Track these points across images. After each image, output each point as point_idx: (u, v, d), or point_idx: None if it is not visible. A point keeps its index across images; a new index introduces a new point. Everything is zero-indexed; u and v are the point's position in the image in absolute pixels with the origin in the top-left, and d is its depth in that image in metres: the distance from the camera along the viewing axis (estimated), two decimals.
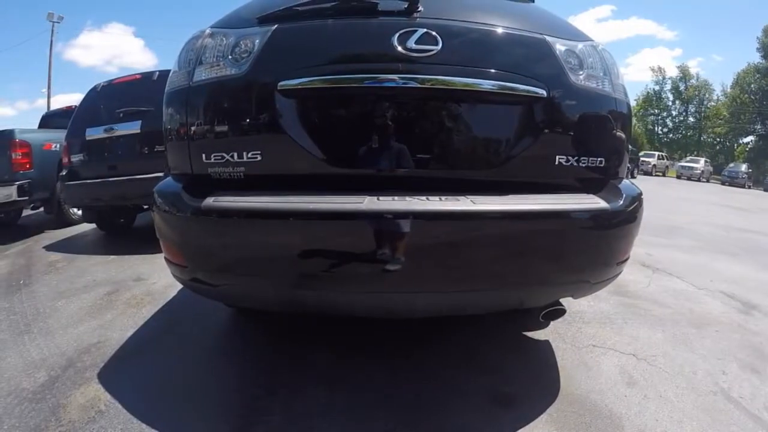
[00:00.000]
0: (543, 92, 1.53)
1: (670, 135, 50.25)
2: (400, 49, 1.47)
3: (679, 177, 28.70)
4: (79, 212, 5.86)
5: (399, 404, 1.77)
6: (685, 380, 2.01)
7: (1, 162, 5.41)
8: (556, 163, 1.58)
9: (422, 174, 1.56)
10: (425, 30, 1.50)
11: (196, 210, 1.42)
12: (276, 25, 1.56)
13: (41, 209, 6.34)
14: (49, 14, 28.62)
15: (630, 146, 1.86)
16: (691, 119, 49.09)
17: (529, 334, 2.37)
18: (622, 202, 1.54)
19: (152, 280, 3.42)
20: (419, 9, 1.56)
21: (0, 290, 3.40)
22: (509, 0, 2.09)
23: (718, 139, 47.46)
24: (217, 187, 1.54)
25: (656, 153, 32.40)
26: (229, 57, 1.56)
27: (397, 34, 1.48)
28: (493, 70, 1.52)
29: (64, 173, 5.00)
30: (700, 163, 29.48)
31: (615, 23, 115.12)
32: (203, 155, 1.56)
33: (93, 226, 5.68)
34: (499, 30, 1.61)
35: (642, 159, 27.98)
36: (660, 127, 51.12)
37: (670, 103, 50.12)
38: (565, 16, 2.00)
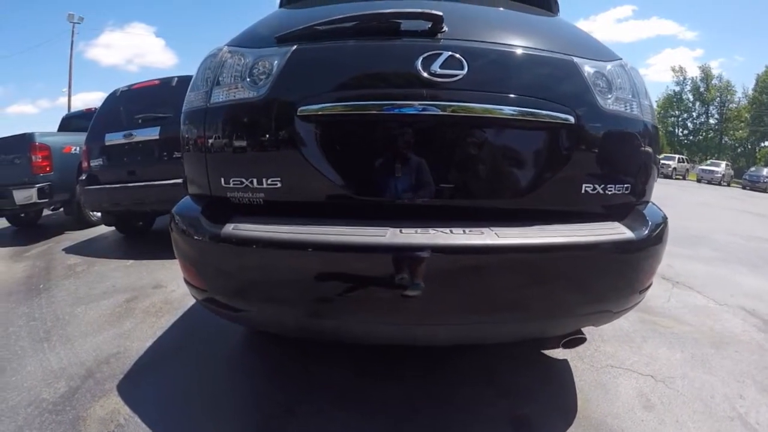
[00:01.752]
0: (571, 118, 1.48)
1: (691, 137, 49.35)
2: (424, 74, 1.41)
3: (699, 180, 28.26)
4: (99, 214, 5.95)
5: (415, 427, 1.76)
6: (703, 404, 1.97)
7: (21, 164, 5.55)
8: (582, 191, 1.53)
9: (444, 203, 1.53)
10: (450, 53, 1.44)
11: (215, 236, 1.41)
12: (295, 46, 1.51)
13: (61, 210, 6.47)
14: (69, 15, 29.09)
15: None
16: (712, 121, 48.22)
17: (547, 352, 2.34)
18: (647, 231, 1.48)
19: (171, 288, 3.46)
20: (443, 29, 1.50)
21: (20, 294, 3.47)
22: (534, 15, 2.04)
23: (739, 142, 46.47)
24: (236, 211, 1.52)
25: (676, 156, 31.98)
26: (247, 79, 1.52)
27: (420, 58, 1.43)
28: (520, 96, 1.46)
29: (83, 178, 5.09)
30: (721, 167, 29.02)
31: (635, 23, 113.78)
32: (222, 179, 1.54)
33: (112, 228, 5.78)
34: (527, 52, 1.54)
35: (662, 162, 27.55)
36: (680, 129, 50.28)
37: (691, 105, 49.27)
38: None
